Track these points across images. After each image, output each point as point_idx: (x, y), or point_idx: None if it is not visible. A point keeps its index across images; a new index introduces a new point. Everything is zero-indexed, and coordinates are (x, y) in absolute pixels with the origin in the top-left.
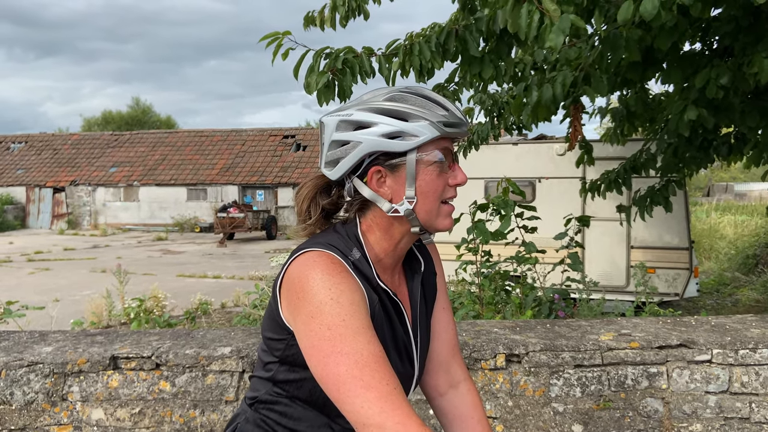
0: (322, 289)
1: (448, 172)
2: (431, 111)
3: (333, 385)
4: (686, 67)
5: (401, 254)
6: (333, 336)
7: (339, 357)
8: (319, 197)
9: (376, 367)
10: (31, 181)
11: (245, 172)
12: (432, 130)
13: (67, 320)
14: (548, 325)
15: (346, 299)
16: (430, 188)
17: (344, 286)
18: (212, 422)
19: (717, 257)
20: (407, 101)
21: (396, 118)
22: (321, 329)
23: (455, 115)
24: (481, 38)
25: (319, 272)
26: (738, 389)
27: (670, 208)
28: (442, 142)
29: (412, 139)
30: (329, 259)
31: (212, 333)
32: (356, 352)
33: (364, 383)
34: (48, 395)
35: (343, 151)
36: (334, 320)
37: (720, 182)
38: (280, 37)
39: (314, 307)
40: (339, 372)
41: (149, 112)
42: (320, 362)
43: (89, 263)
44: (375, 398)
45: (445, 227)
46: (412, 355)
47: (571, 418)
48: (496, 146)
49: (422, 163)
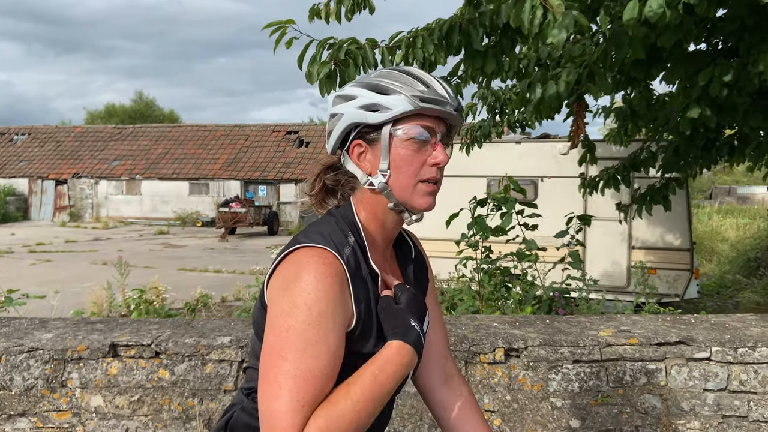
0: (303, 293)
1: (429, 150)
2: (409, 86)
3: (262, 378)
4: (690, 66)
5: (391, 235)
6: (287, 337)
7: (278, 360)
8: (323, 174)
9: (302, 384)
10: (33, 172)
11: (248, 168)
12: (406, 104)
13: (67, 311)
14: (547, 320)
15: (317, 309)
16: (404, 163)
17: (323, 295)
18: (211, 411)
19: (718, 260)
20: (390, 76)
21: (375, 92)
22: (281, 329)
23: (437, 92)
24: (484, 33)
25: (308, 275)
26: (736, 387)
27: (669, 206)
28: (423, 120)
29: (387, 111)
30: (322, 260)
31: (212, 323)
32: (294, 362)
33: (280, 390)
34: (47, 381)
35: (332, 123)
36: (296, 325)
37: (723, 185)
38: (284, 26)
39: (287, 306)
40: (270, 370)
41: (152, 105)
42: (265, 354)
43: (90, 255)
44: (277, 409)
45: (421, 206)
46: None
47: (569, 413)
48: (499, 144)
49: (397, 137)
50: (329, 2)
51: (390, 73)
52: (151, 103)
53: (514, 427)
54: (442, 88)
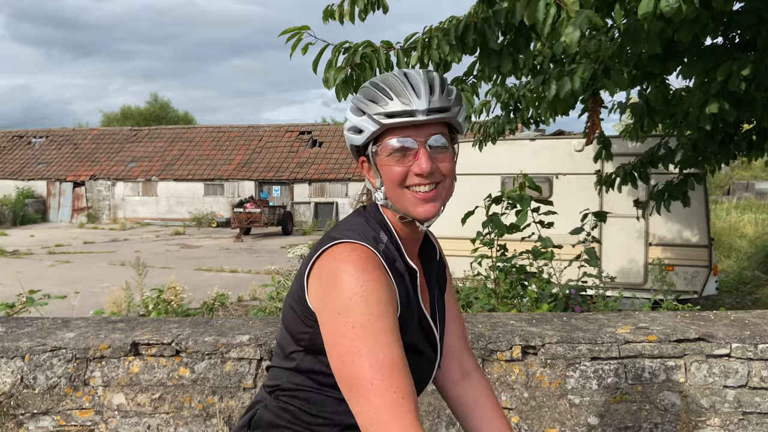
0: (354, 285)
1: (412, 160)
2: (374, 103)
3: (345, 383)
4: (708, 60)
5: (417, 237)
6: (355, 335)
7: (356, 358)
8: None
9: (389, 374)
10: (51, 175)
11: (261, 168)
12: (372, 125)
13: (87, 310)
14: (565, 318)
15: (375, 298)
16: (389, 177)
17: (375, 284)
18: (230, 408)
19: (737, 256)
20: (363, 94)
21: (354, 114)
22: (345, 327)
23: (401, 103)
24: (499, 31)
25: (352, 267)
26: (757, 384)
27: (687, 202)
28: (402, 131)
29: (363, 133)
30: (363, 253)
31: (230, 322)
32: (373, 355)
33: (373, 388)
34: (70, 380)
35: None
36: (359, 319)
37: (740, 180)
38: (299, 32)
39: (343, 303)
40: (353, 373)
41: (167, 107)
42: (338, 359)
43: (108, 256)
44: (379, 405)
45: (419, 215)
46: (433, 338)
47: (587, 410)
48: (513, 142)
49: (379, 155)
50: (343, 2)
51: (365, 88)
52: (166, 105)
53: (531, 424)
54: (413, 94)
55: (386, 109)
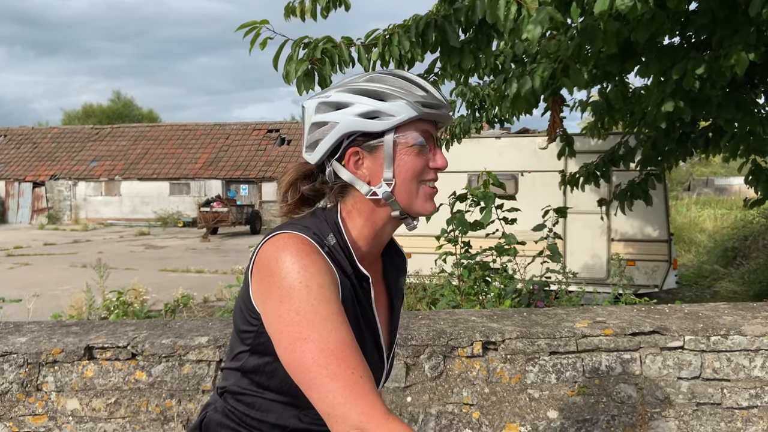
0: (292, 272)
1: (428, 155)
2: (409, 91)
3: (299, 372)
4: (664, 60)
5: (383, 243)
6: (300, 321)
7: (305, 344)
8: (299, 183)
9: (342, 355)
10: (10, 175)
11: (229, 167)
12: (409, 110)
13: (45, 314)
14: (525, 313)
15: (315, 283)
16: (409, 169)
17: (314, 269)
18: (189, 411)
19: (697, 250)
20: (386, 82)
21: (373, 98)
22: (289, 314)
23: (434, 96)
24: (460, 29)
25: (288, 254)
26: (710, 375)
27: (650, 201)
28: (421, 124)
29: (389, 119)
30: (300, 240)
31: (189, 323)
32: (323, 339)
33: (329, 372)
34: (22, 385)
35: (321, 132)
36: (303, 305)
37: (700, 176)
38: (258, 26)
39: (283, 290)
40: (305, 359)
41: (131, 105)
42: (287, 348)
43: (69, 258)
44: (340, 387)
45: (426, 211)
46: (381, 346)
47: (547, 404)
48: (479, 140)
49: (400, 145)
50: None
51: (383, 77)
52: (129, 102)
53: (492, 419)
54: (437, 92)
55: (425, 99)
